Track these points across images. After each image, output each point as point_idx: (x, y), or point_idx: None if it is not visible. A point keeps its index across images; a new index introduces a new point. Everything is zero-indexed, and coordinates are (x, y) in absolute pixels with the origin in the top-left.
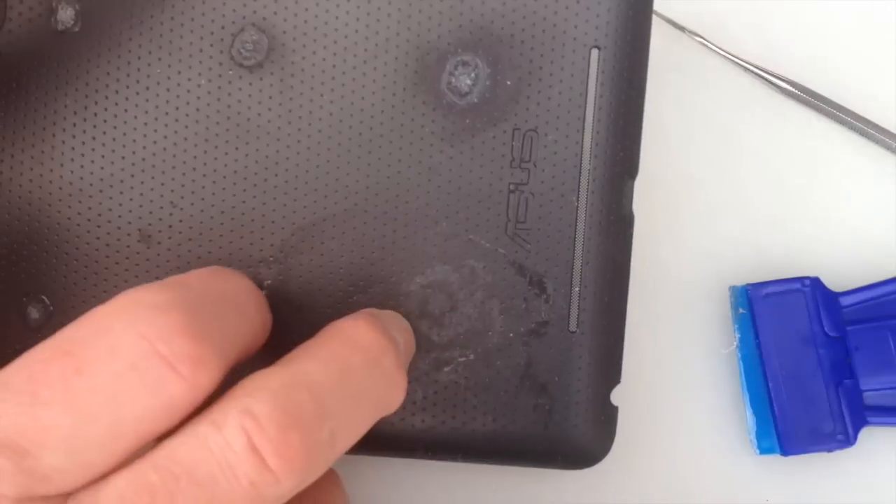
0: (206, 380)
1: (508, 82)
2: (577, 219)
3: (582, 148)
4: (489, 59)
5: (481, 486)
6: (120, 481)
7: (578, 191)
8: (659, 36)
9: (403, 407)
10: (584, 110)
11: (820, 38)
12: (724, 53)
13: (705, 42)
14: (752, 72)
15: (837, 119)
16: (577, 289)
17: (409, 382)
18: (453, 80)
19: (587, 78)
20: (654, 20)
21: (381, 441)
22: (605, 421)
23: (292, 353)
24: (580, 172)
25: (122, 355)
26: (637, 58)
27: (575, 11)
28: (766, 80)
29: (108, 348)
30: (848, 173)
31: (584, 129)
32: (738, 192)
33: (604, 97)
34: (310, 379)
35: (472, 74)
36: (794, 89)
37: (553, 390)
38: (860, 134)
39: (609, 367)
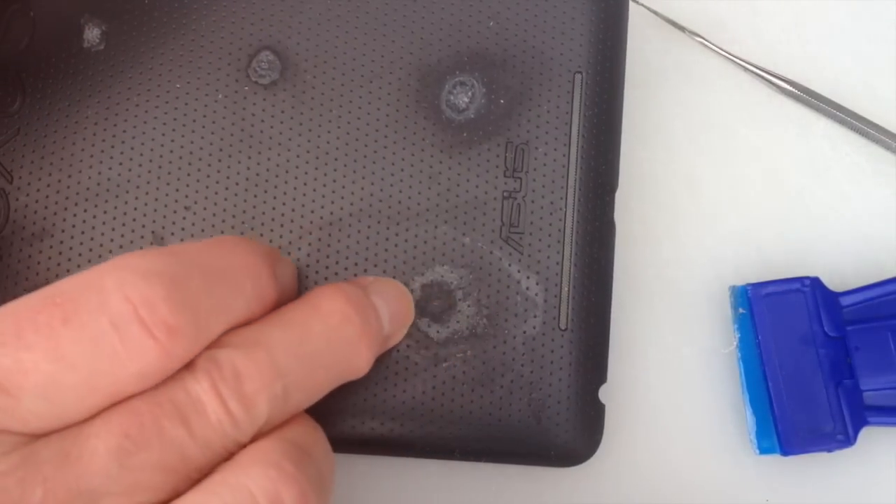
0: (181, 350)
1: (502, 101)
2: (565, 224)
3: (569, 160)
4: (484, 80)
5: (479, 485)
6: (110, 412)
7: (566, 198)
8: (659, 36)
9: (403, 402)
10: (570, 127)
11: (820, 38)
12: (724, 53)
13: (705, 42)
14: (752, 72)
15: (837, 119)
16: (566, 289)
17: (408, 379)
18: (452, 98)
19: (572, 99)
20: (655, 20)
21: (380, 441)
22: (593, 418)
23: (265, 317)
24: (567, 182)
25: (107, 313)
26: (614, 81)
27: (560, 41)
28: (766, 80)
29: (95, 304)
30: (848, 173)
31: (570, 143)
32: (738, 192)
33: (586, 116)
34: (269, 339)
35: (469, 93)
36: (794, 89)
37: (546, 386)
38: (860, 134)
39: (596, 365)
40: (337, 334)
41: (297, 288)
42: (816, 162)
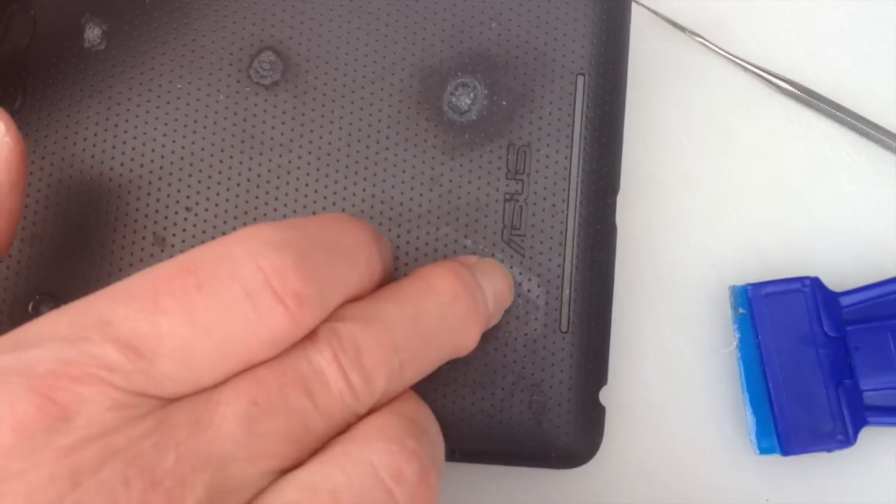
0: (309, 317)
1: (504, 102)
2: (567, 227)
3: (571, 163)
4: (487, 82)
5: (480, 487)
6: (235, 378)
7: (568, 200)
8: (659, 36)
9: None
10: (572, 129)
11: (820, 38)
12: (724, 53)
13: (705, 42)
14: (752, 72)
15: (837, 119)
16: (567, 291)
17: None
18: (454, 99)
19: (574, 101)
20: (655, 20)
21: None
22: (594, 420)
23: (378, 292)
24: (569, 184)
25: (240, 281)
26: (616, 84)
27: (563, 43)
28: (766, 80)
29: (228, 272)
30: (848, 173)
31: (572, 145)
32: (738, 192)
33: (589, 118)
34: (387, 314)
35: (471, 95)
36: (794, 89)
37: (546, 388)
38: (860, 134)
39: (597, 367)
40: (448, 311)
41: (392, 267)
42: (816, 162)
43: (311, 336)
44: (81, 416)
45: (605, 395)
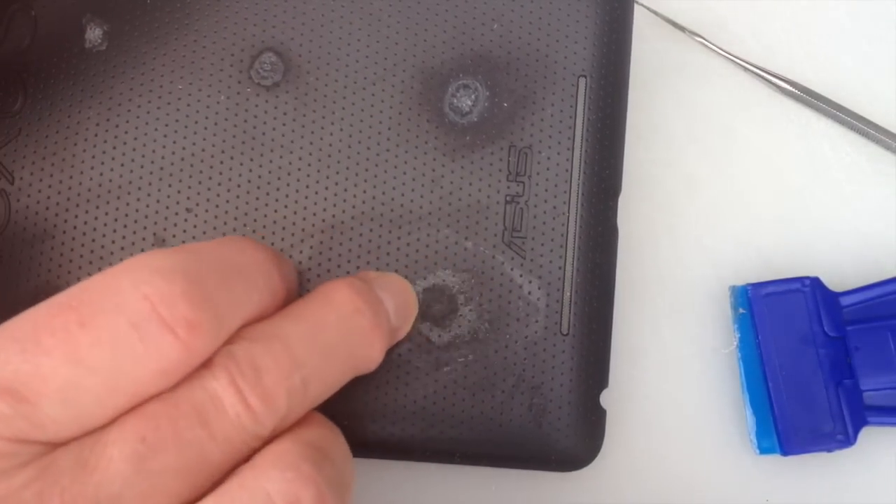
0: (202, 345)
1: (505, 104)
2: (568, 229)
3: (572, 165)
4: (488, 83)
5: (480, 490)
6: (127, 416)
7: (569, 203)
8: (659, 36)
9: (404, 406)
10: (574, 131)
11: (820, 38)
12: (724, 53)
13: (705, 42)
14: (752, 72)
15: (837, 119)
16: (568, 294)
17: (409, 383)
18: (455, 101)
19: (576, 103)
20: (655, 20)
21: (381, 444)
22: (594, 423)
23: (279, 312)
24: (570, 186)
25: (125, 313)
26: (618, 86)
27: (565, 44)
28: (766, 80)
29: (112, 305)
30: (848, 173)
31: (573, 147)
32: (738, 192)
33: (590, 120)
34: (285, 332)
35: (472, 96)
36: (794, 89)
37: (547, 391)
38: (860, 134)
39: (598, 370)
40: (350, 325)
41: (298, 288)
42: (816, 162)
43: (206, 362)
44: None
45: (604, 395)
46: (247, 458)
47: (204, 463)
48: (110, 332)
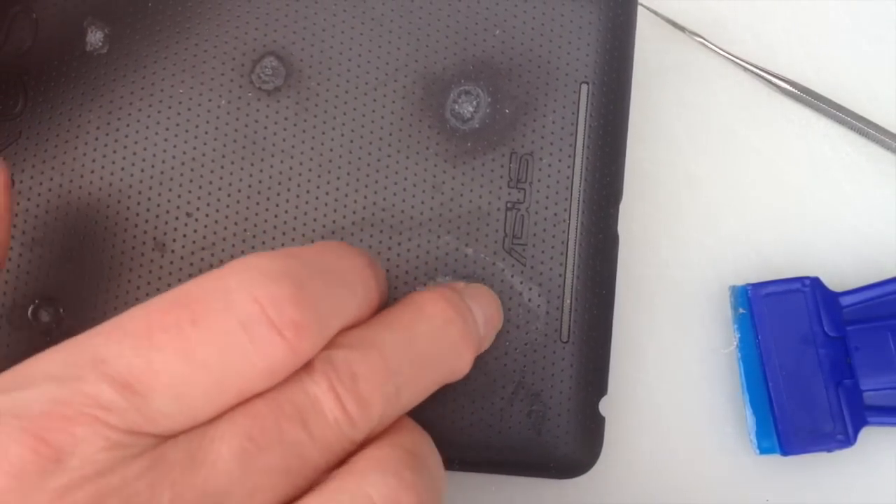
0: (307, 346)
1: (507, 110)
2: (569, 236)
3: (573, 172)
4: (489, 90)
5: (478, 496)
6: (230, 412)
7: (570, 210)
8: (659, 36)
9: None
10: (576, 138)
11: (820, 38)
12: (724, 53)
13: (705, 42)
14: (752, 72)
15: (837, 119)
16: (568, 301)
17: None
18: (456, 107)
19: (578, 109)
20: (655, 20)
21: None
22: (593, 430)
23: (372, 319)
24: (571, 193)
25: (235, 313)
26: (621, 93)
27: (567, 51)
28: (766, 80)
29: (223, 305)
30: (848, 173)
31: (575, 154)
32: (738, 192)
33: (592, 127)
34: (381, 340)
35: (474, 102)
36: (794, 89)
37: (546, 398)
38: (860, 134)
39: (597, 377)
40: (441, 335)
41: (388, 294)
42: (816, 162)
43: (306, 367)
44: (75, 456)
45: (604, 398)
46: (341, 462)
47: (304, 462)
48: (221, 331)
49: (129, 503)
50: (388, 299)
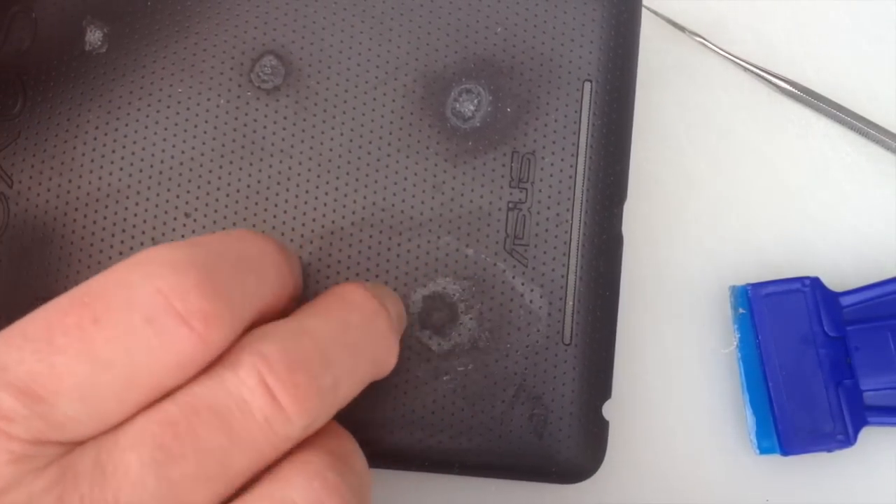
0: (218, 336)
1: (508, 109)
2: (571, 237)
3: (576, 171)
4: (491, 88)
5: (479, 500)
6: (141, 419)
7: (573, 210)
8: (659, 36)
9: (402, 416)
10: (578, 137)
11: (820, 38)
12: (724, 53)
13: (705, 42)
14: (752, 72)
15: (837, 119)
16: (570, 303)
17: (408, 392)
18: (457, 105)
19: (580, 108)
20: (655, 20)
21: (379, 454)
22: (597, 435)
23: (297, 311)
24: (574, 193)
25: (139, 308)
26: (625, 91)
27: (570, 48)
28: (766, 80)
29: (125, 301)
30: (848, 173)
31: (577, 154)
32: (738, 192)
33: (595, 126)
34: (313, 329)
35: (475, 101)
36: (794, 89)
37: (548, 402)
38: (860, 134)
39: (600, 381)
40: (372, 326)
41: (303, 282)
42: (816, 162)
43: (231, 362)
44: None
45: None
46: (277, 462)
47: (225, 469)
48: (124, 328)
49: None
50: None
